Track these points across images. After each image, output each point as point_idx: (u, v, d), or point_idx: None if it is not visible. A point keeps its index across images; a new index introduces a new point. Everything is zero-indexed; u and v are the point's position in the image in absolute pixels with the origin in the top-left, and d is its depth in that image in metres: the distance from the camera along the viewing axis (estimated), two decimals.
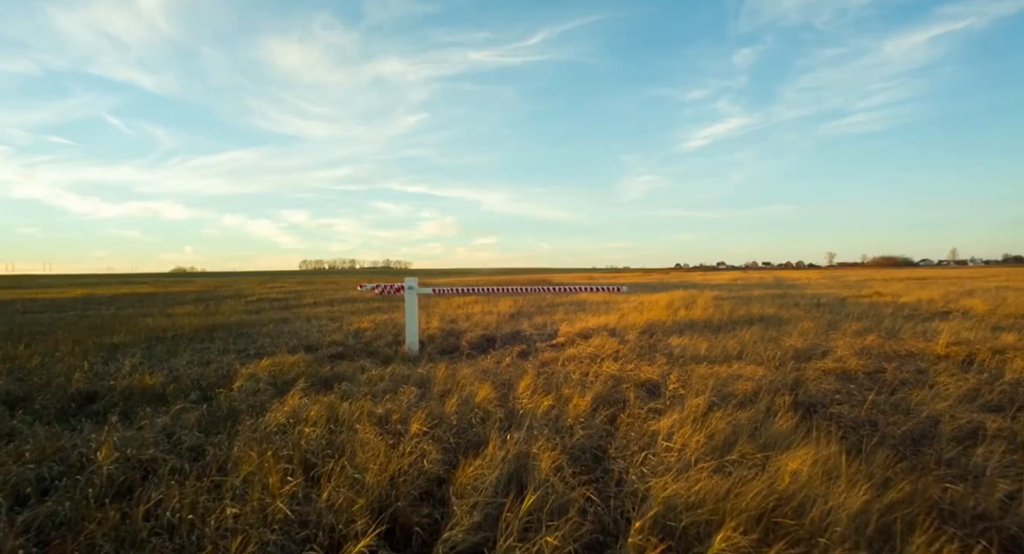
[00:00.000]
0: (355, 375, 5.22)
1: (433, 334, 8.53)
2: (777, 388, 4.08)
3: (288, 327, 9.82)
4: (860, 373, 4.63)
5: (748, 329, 7.96)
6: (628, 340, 7.31)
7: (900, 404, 3.55)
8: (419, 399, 4.17)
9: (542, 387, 4.32)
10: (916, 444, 2.93)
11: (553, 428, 3.13)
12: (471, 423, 3.23)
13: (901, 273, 50.51)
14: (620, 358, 5.87)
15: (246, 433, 3.19)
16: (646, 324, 8.73)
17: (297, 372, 5.29)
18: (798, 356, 5.55)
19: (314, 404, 3.66)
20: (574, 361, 5.80)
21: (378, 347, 7.49)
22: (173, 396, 4.44)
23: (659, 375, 4.70)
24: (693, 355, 5.88)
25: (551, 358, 6.07)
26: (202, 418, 3.60)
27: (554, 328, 8.74)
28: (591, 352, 6.23)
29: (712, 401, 3.58)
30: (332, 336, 8.42)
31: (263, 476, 2.28)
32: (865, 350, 5.57)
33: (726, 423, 2.96)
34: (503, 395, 4.25)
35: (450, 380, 4.79)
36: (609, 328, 8.47)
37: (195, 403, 4.14)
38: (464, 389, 4.40)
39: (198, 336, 8.89)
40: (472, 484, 2.25)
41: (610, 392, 4.11)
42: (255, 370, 5.27)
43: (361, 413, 3.39)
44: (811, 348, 6.04)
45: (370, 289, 7.48)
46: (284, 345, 7.75)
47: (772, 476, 2.18)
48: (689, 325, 8.79)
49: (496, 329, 9.07)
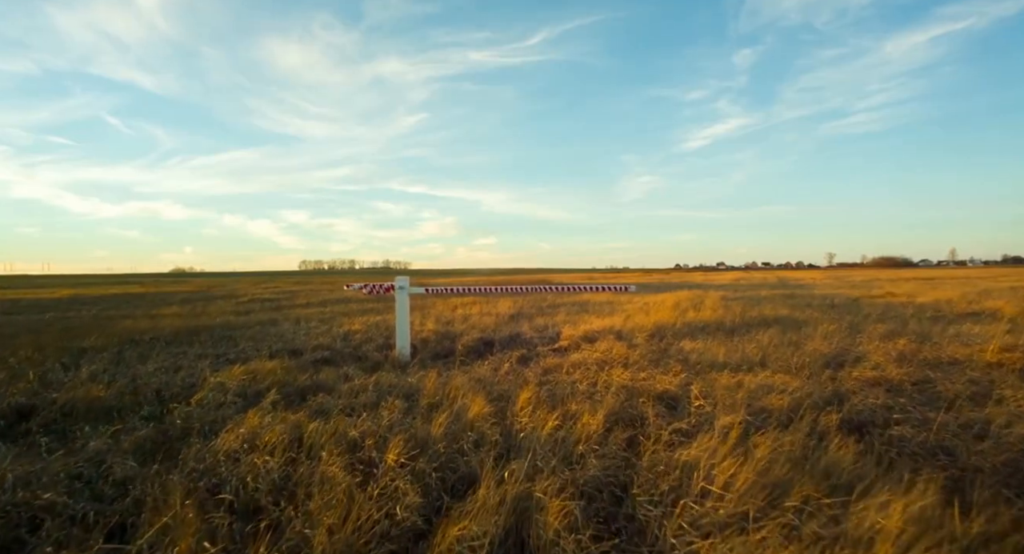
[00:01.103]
0: (336, 385, 4.68)
1: (427, 337, 7.98)
2: (817, 403, 3.53)
3: (275, 329, 9.28)
4: (906, 384, 4.07)
5: (765, 332, 7.42)
6: (637, 344, 6.77)
7: (971, 425, 3.00)
8: (404, 415, 3.63)
9: (545, 401, 3.78)
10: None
11: (560, 456, 2.58)
12: (461, 450, 2.67)
13: (906, 273, 49.86)
14: (630, 365, 5.32)
15: (190, 462, 2.64)
16: (654, 326, 8.19)
17: (272, 381, 4.75)
18: (829, 363, 5.00)
19: (278, 423, 3.11)
20: (580, 368, 5.25)
21: (367, 351, 6.94)
22: (125, 411, 3.89)
23: (677, 385, 4.16)
24: (711, 361, 5.33)
25: (554, 365, 5.53)
26: (145, 441, 3.05)
27: (556, 331, 8.19)
28: (598, 358, 5.69)
29: (745, 420, 3.03)
30: (319, 339, 7.88)
31: (177, 534, 1.74)
32: (902, 356, 5.02)
33: (770, 450, 2.41)
34: (500, 410, 3.71)
35: (441, 391, 4.25)
36: (615, 331, 7.93)
37: (146, 420, 3.59)
38: (456, 402, 3.86)
39: (178, 339, 8.35)
40: (457, 548, 1.71)
41: (624, 407, 3.56)
42: (225, 379, 4.72)
43: (330, 436, 2.84)
44: (840, 353, 5.50)
45: (358, 289, 6.94)
46: (267, 349, 7.21)
47: (863, 538, 1.62)
48: (700, 327, 8.25)
49: (494, 332, 8.53)
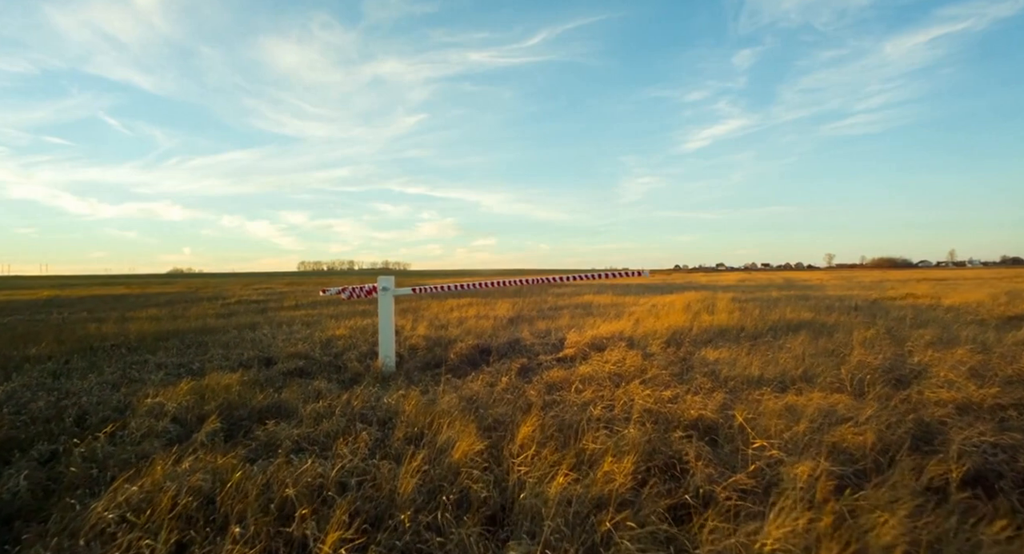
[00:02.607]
0: (298, 406, 3.89)
1: (416, 344, 7.19)
2: (902, 438, 2.74)
3: (253, 334, 8.48)
4: (1006, 410, 3.29)
5: (793, 338, 6.64)
6: (653, 353, 5.98)
7: None
8: (372, 451, 2.85)
9: (553, 434, 2.99)
10: None
11: (577, 535, 1.79)
12: (436, 524, 1.88)
13: (914, 273, 48.92)
14: (649, 380, 4.54)
15: (55, 536, 1.86)
16: (668, 332, 7.39)
17: (223, 401, 3.96)
18: (887, 378, 4.22)
19: (196, 471, 2.32)
20: (591, 384, 4.47)
21: (348, 360, 6.15)
22: (26, 444, 3.11)
23: (715, 410, 3.37)
24: (745, 376, 4.55)
25: (560, 379, 4.75)
26: (12, 501, 2.26)
27: (560, 337, 7.41)
28: (610, 370, 4.90)
29: (829, 470, 2.24)
30: (297, 346, 7.09)
31: None
32: (975, 372, 4.23)
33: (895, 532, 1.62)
34: (495, 444, 2.92)
35: (424, 416, 3.47)
36: (625, 337, 7.14)
37: (38, 462, 2.80)
38: (440, 433, 3.08)
39: (143, 345, 7.56)
40: None
41: (654, 444, 2.77)
42: (166, 399, 3.93)
43: (257, 496, 2.05)
44: (893, 366, 4.71)
45: (336, 293, 6.12)
46: (236, 358, 6.43)
47: None
48: (719, 333, 7.46)
49: (492, 337, 7.74)
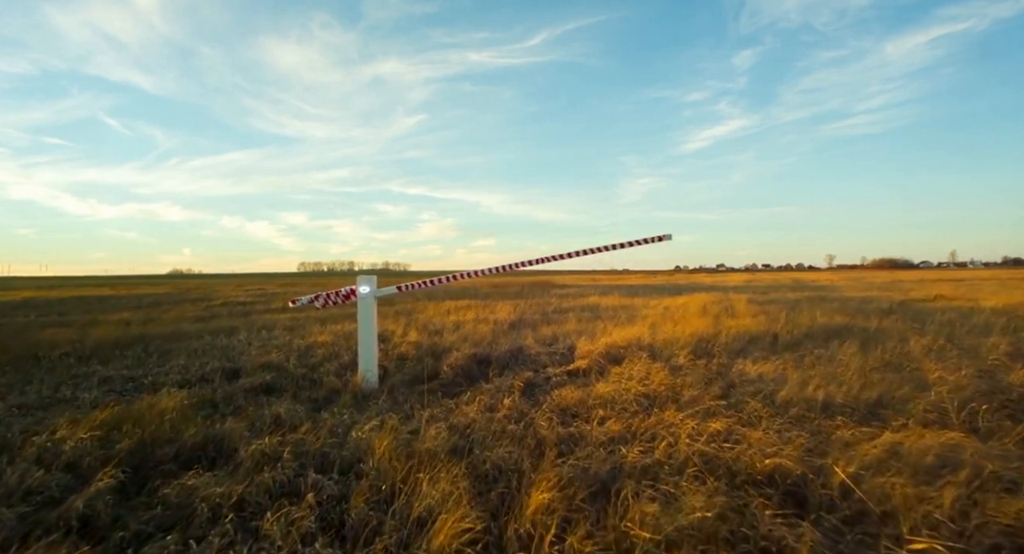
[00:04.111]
0: (240, 442, 3.00)
1: (406, 352, 6.30)
2: None
3: (226, 340, 7.60)
4: None
5: (839, 347, 5.73)
6: (680, 366, 5.08)
7: None
8: (317, 528, 1.96)
9: (577, 498, 2.09)
10: None
11: None
12: None
13: (929, 274, 47.71)
14: (687, 404, 3.64)
15: None
16: (692, 339, 6.49)
17: (146, 436, 3.07)
18: (993, 405, 3.31)
19: None
20: (614, 409, 3.58)
21: (325, 373, 5.27)
22: None
23: (795, 458, 2.47)
24: (804, 399, 3.65)
25: (575, 401, 3.85)
26: None
27: (568, 345, 6.51)
28: (637, 391, 4.00)
29: None
30: (271, 355, 6.20)
31: None
32: None
33: None
34: (494, 515, 2.03)
35: (399, 462, 2.58)
36: (644, 345, 6.24)
37: None
38: (418, 496, 2.19)
39: (98, 353, 6.68)
40: None
41: (730, 522, 1.87)
42: (69, 434, 3.03)
43: None
44: (992, 388, 3.81)
45: (308, 302, 5.20)
46: (198, 370, 5.54)
47: None
48: (749, 340, 6.56)
49: (491, 345, 6.85)
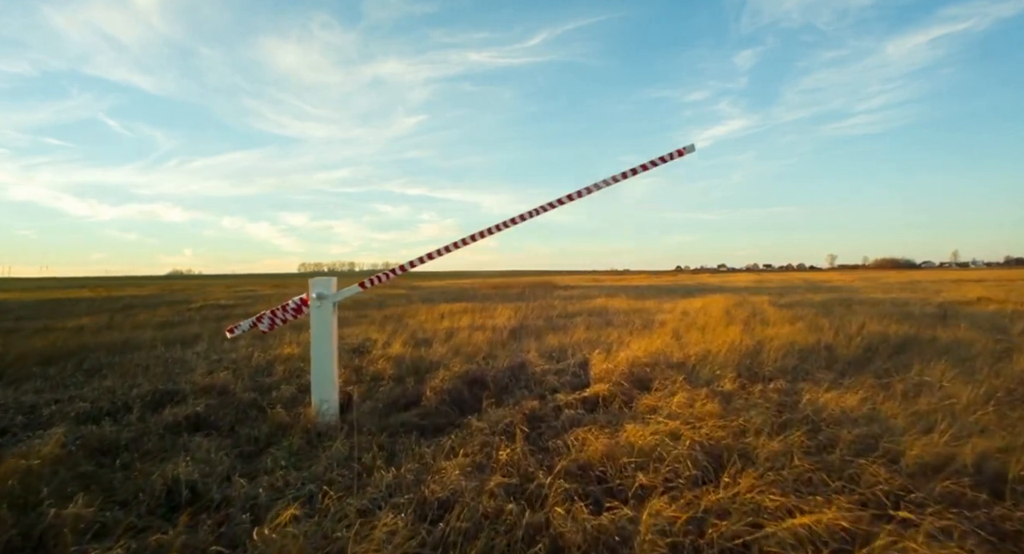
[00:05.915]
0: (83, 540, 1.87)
1: (382, 370, 5.17)
2: None
3: (180, 353, 6.49)
4: None
5: (922, 364, 4.59)
6: (729, 393, 3.94)
7: None
8: None
9: None
10: None
11: None
12: None
13: (949, 274, 46.19)
14: (762, 463, 2.51)
15: None
16: (729, 352, 5.35)
17: None
18: None
19: None
20: (659, 473, 2.44)
21: (277, 399, 4.17)
22: None
23: None
24: (935, 457, 2.51)
25: (600, 455, 2.72)
26: None
27: (580, 359, 5.37)
28: (686, 438, 2.86)
29: None
30: (220, 374, 5.09)
31: None
32: None
33: None
34: None
35: None
36: (673, 362, 5.10)
37: None
38: None
39: (12, 371, 5.55)
40: None
41: None
42: None
43: None
44: None
45: (249, 327, 4.00)
46: (124, 393, 4.41)
47: None
48: (800, 355, 5.41)
49: (488, 358, 5.73)
